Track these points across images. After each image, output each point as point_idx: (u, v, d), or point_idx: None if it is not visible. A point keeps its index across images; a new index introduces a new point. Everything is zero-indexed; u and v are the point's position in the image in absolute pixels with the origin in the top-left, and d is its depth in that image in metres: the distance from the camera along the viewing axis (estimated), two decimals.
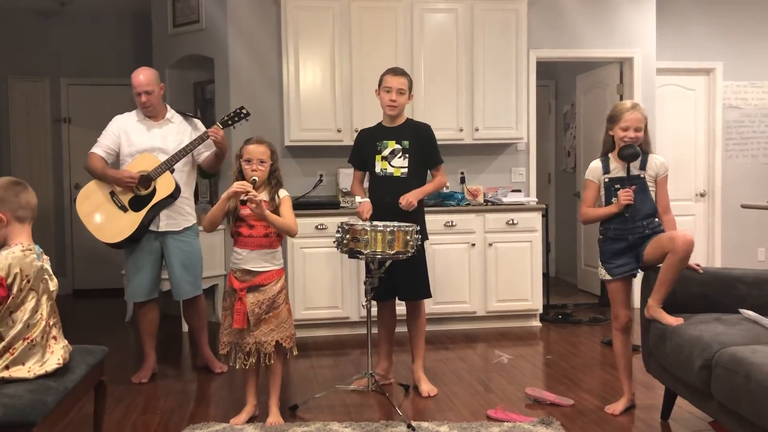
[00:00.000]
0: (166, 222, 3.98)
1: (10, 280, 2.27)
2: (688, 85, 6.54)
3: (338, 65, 5.24)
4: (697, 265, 3.28)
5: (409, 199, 3.64)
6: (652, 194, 3.36)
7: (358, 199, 3.78)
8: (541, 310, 5.38)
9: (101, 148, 4.00)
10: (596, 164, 3.45)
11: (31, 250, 2.38)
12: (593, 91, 6.60)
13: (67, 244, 7.05)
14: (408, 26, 5.30)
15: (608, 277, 3.40)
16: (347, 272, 5.02)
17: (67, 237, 7.06)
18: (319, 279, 5.00)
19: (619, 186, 3.35)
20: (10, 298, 2.28)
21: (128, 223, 3.89)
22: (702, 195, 6.53)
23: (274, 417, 3.28)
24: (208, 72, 5.70)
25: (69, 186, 7.07)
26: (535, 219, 5.27)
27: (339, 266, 5.00)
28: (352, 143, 5.09)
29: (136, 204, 3.90)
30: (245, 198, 3.10)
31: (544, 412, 3.42)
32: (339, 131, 5.26)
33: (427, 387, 3.75)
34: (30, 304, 2.33)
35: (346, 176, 5.30)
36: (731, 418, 2.66)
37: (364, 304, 3.53)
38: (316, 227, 4.96)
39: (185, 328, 5.33)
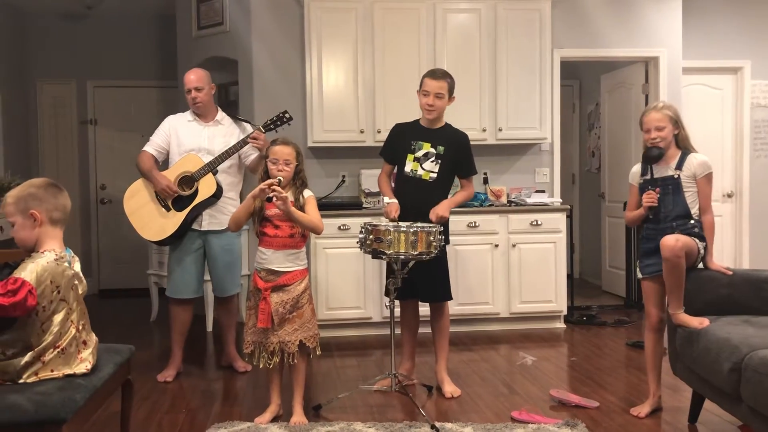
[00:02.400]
0: (209, 221, 4.06)
1: (40, 290, 2.26)
2: (715, 84, 6.44)
3: (361, 66, 5.25)
4: (726, 268, 3.25)
5: (439, 213, 3.62)
6: (690, 194, 3.30)
7: (386, 199, 3.76)
8: (565, 312, 5.34)
9: (152, 146, 4.10)
10: (636, 168, 3.51)
11: (63, 258, 2.37)
12: (618, 90, 6.54)
13: (93, 244, 7.14)
14: (431, 26, 5.29)
15: (640, 275, 3.43)
16: (370, 273, 5.02)
17: (93, 237, 7.16)
18: (342, 279, 5.01)
19: (651, 188, 3.35)
20: (41, 308, 2.28)
21: (171, 221, 3.97)
22: (729, 196, 6.44)
23: (298, 416, 3.30)
24: (232, 74, 5.74)
25: (95, 187, 7.17)
26: (560, 220, 5.23)
27: (361, 267, 5.00)
28: (374, 144, 5.15)
29: (179, 203, 3.98)
30: (271, 194, 3.12)
31: (569, 414, 3.40)
32: (362, 132, 5.26)
33: (450, 388, 3.74)
34: (60, 314, 2.34)
35: (369, 177, 5.31)
36: (762, 422, 2.62)
37: (387, 304, 3.53)
38: (339, 228, 4.97)
39: (209, 327, 5.39)
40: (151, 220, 4.00)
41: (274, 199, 3.13)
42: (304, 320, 3.28)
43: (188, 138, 4.09)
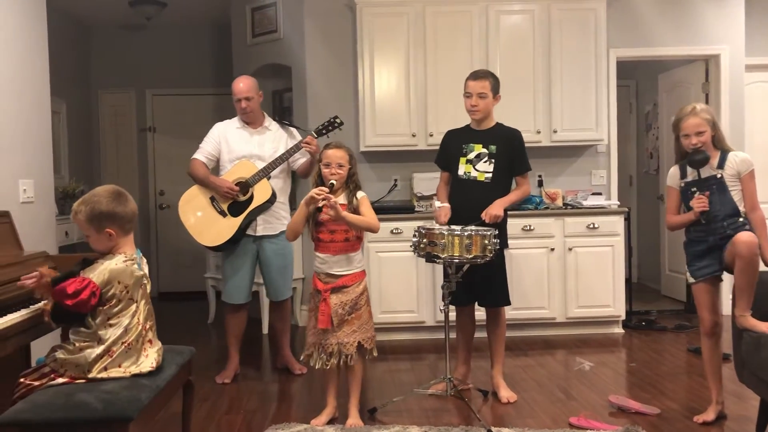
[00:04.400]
0: (263, 226, 4.12)
1: (110, 291, 2.36)
2: None
3: (413, 70, 5.26)
4: None
5: (491, 213, 3.57)
6: (735, 193, 3.24)
7: (437, 203, 3.76)
8: (623, 317, 5.22)
9: (203, 154, 4.17)
10: (674, 170, 3.44)
11: (133, 260, 2.47)
12: (677, 90, 6.38)
13: (152, 248, 7.33)
14: (483, 29, 5.26)
15: (692, 279, 3.34)
16: (423, 276, 5.02)
17: (152, 241, 7.35)
18: (395, 283, 5.02)
19: (695, 189, 3.27)
20: (110, 305, 2.38)
21: (227, 227, 4.03)
22: None
23: (354, 419, 3.31)
24: (285, 80, 5.83)
25: (154, 192, 7.36)
26: (617, 223, 5.12)
27: (414, 270, 5.00)
28: (426, 148, 5.16)
29: (235, 209, 4.04)
30: (321, 204, 3.15)
31: (629, 421, 3.32)
32: (413, 136, 5.27)
33: (506, 393, 3.70)
34: (128, 312, 2.43)
35: (421, 181, 5.31)
36: None
37: (441, 308, 3.52)
38: (392, 231, 4.98)
39: (265, 330, 5.46)
40: (207, 226, 4.07)
41: (324, 208, 3.16)
42: (362, 322, 3.30)
43: (238, 145, 4.15)
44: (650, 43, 5.66)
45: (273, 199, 4.06)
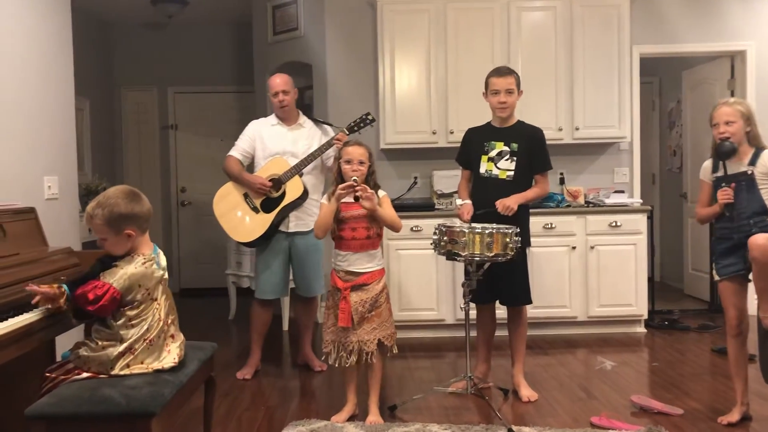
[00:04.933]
0: (295, 223, 4.14)
1: (131, 296, 2.37)
2: None
3: (434, 67, 5.24)
4: None
5: (507, 204, 3.56)
6: (765, 191, 3.18)
7: (458, 201, 3.74)
8: (645, 316, 5.17)
9: (238, 151, 4.22)
10: (707, 164, 3.41)
11: (151, 260, 2.47)
12: (701, 87, 6.29)
13: (173, 244, 7.40)
14: (504, 26, 5.23)
15: (717, 277, 3.30)
16: (442, 274, 5.00)
17: (173, 238, 7.41)
18: (415, 281, 5.01)
19: (725, 184, 3.22)
20: (131, 306, 2.39)
21: (260, 223, 4.07)
22: None
23: (374, 416, 3.32)
24: (306, 78, 5.83)
25: (175, 189, 7.42)
26: (640, 221, 5.07)
27: (434, 268, 4.99)
28: (446, 145, 5.14)
29: (268, 205, 4.08)
30: (359, 193, 3.16)
31: (652, 421, 3.29)
32: (434, 133, 5.25)
33: (527, 392, 3.68)
34: (149, 311, 2.44)
35: (441, 178, 5.30)
36: None
37: (462, 306, 3.51)
38: (412, 229, 4.97)
39: (285, 326, 5.49)
40: (240, 222, 4.10)
41: (361, 199, 3.16)
42: (383, 319, 3.30)
43: (273, 141, 4.18)
44: (674, 39, 5.59)
45: (305, 195, 4.09)
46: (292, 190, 4.06)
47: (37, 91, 3.68)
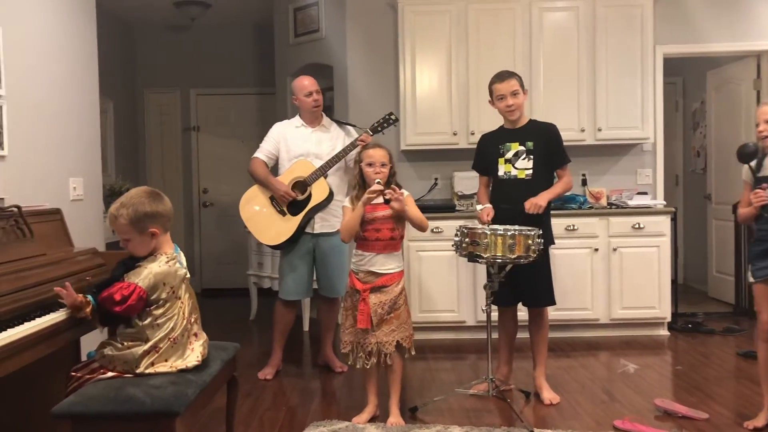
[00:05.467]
0: (320, 224, 4.16)
1: (157, 294, 2.40)
2: None
3: (455, 68, 5.23)
4: None
5: (535, 202, 3.53)
6: None
7: (478, 206, 3.72)
8: (669, 319, 5.11)
9: (263, 153, 4.23)
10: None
11: (174, 259, 2.50)
12: (726, 87, 6.22)
13: (195, 245, 7.46)
14: (526, 26, 5.21)
15: (752, 279, 3.25)
16: (463, 276, 4.99)
17: (195, 239, 7.47)
18: (436, 282, 5.00)
19: (766, 186, 3.17)
20: (156, 306, 2.42)
21: (287, 226, 4.09)
22: None
23: (395, 417, 3.32)
24: (327, 79, 5.85)
25: (198, 190, 7.48)
26: (663, 223, 5.02)
27: (455, 270, 4.98)
28: (467, 147, 5.12)
29: (294, 208, 4.10)
30: (389, 196, 3.17)
31: (676, 425, 3.26)
32: (455, 134, 5.24)
33: (549, 394, 3.66)
34: (173, 310, 2.46)
35: (462, 180, 5.28)
36: None
37: (483, 308, 3.49)
38: (432, 231, 4.96)
39: (306, 327, 5.51)
40: (267, 225, 4.11)
41: (392, 201, 3.17)
42: (401, 321, 3.30)
43: (297, 143, 4.19)
44: (698, 39, 5.52)
45: (330, 197, 4.10)
46: (318, 192, 4.07)
47: (62, 93, 3.73)
